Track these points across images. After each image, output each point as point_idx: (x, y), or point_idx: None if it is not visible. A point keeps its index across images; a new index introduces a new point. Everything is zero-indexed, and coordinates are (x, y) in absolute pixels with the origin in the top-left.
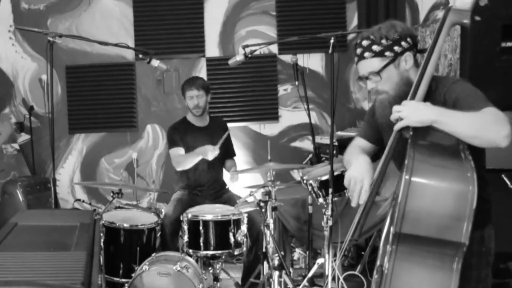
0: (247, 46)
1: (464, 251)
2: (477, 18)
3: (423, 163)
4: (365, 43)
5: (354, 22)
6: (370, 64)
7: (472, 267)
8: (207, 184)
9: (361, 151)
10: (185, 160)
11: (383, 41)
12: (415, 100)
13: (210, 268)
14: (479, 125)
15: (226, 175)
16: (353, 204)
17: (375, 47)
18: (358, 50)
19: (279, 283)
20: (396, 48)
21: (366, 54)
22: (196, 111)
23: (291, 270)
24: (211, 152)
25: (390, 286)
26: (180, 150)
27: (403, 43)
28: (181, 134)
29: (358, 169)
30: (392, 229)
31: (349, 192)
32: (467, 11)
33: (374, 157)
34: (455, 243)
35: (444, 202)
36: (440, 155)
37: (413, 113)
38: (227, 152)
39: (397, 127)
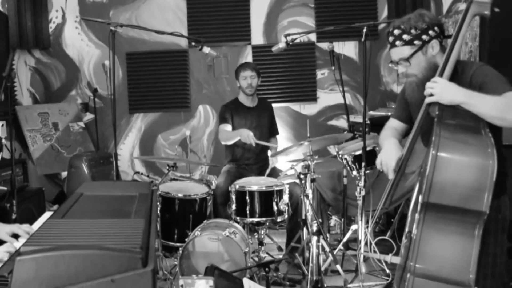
0: (289, 34)
1: (484, 219)
2: (497, 9)
3: (448, 140)
4: (396, 32)
5: (385, 13)
6: (400, 52)
7: (490, 232)
8: (252, 159)
9: (392, 133)
10: (227, 136)
11: (412, 31)
12: (443, 77)
13: (255, 234)
14: (502, 108)
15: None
16: (390, 176)
17: (405, 36)
18: (390, 38)
19: (317, 247)
20: (424, 36)
21: (397, 42)
22: (249, 90)
23: (328, 235)
24: (247, 138)
25: (418, 250)
26: (227, 127)
27: (430, 32)
28: (231, 112)
29: (386, 152)
30: (420, 199)
31: (381, 169)
32: (487, 3)
33: (406, 134)
34: (476, 211)
35: (467, 174)
36: (463, 132)
37: (445, 92)
38: (271, 131)
39: (428, 100)
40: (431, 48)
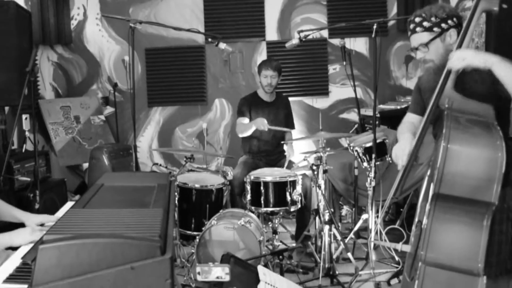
0: (302, 31)
1: (493, 210)
2: (504, 6)
3: (458, 132)
4: (417, 20)
5: (394, 10)
6: (420, 37)
7: (495, 221)
8: (268, 151)
9: (408, 128)
10: (243, 128)
11: (433, 19)
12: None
13: (269, 223)
14: None
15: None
16: (399, 168)
17: (425, 23)
18: (411, 26)
19: (329, 235)
20: (443, 25)
21: (418, 29)
22: (268, 89)
23: (339, 224)
24: (261, 125)
25: (429, 239)
26: (244, 120)
27: (449, 21)
28: (249, 105)
29: (400, 146)
30: (430, 190)
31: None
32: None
33: None
34: (486, 202)
35: (477, 166)
36: (472, 125)
37: (476, 55)
38: (287, 125)
39: (458, 66)
40: (449, 37)
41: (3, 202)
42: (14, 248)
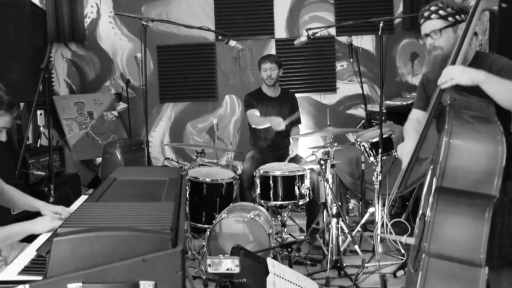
0: (310, 29)
1: (494, 202)
2: (504, 5)
3: (460, 127)
4: (433, 8)
5: (400, 8)
6: (434, 24)
7: (497, 214)
8: (275, 147)
9: (414, 127)
10: (258, 121)
11: (449, 9)
12: (456, 65)
13: (278, 216)
14: None
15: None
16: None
17: (441, 12)
18: (426, 13)
19: (337, 228)
20: (457, 17)
21: (433, 16)
22: (269, 82)
23: (346, 217)
24: (278, 125)
25: (432, 232)
26: (256, 112)
27: (463, 15)
28: (255, 100)
29: (405, 147)
30: (433, 183)
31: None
32: None
33: None
34: (487, 195)
35: (478, 160)
36: (474, 120)
37: (465, 73)
38: (293, 120)
39: (447, 84)
40: (460, 30)
41: (19, 191)
42: (29, 241)
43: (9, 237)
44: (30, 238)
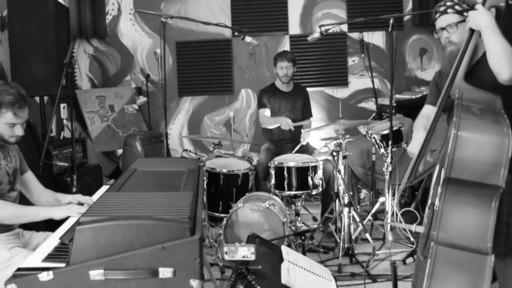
0: (323, 25)
1: (500, 193)
2: (510, 1)
3: (468, 120)
4: (449, 3)
5: (409, 5)
6: (450, 18)
7: (504, 203)
8: (287, 139)
9: (423, 123)
10: (268, 122)
11: (464, 5)
12: (464, 57)
13: (292, 205)
14: (509, 52)
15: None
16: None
17: (457, 7)
18: (442, 8)
19: (349, 217)
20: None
21: (449, 10)
22: (284, 79)
23: (358, 207)
24: (286, 125)
25: (441, 221)
26: (266, 112)
27: None
28: (268, 96)
29: (414, 143)
30: (442, 174)
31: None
32: None
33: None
34: (494, 186)
35: (485, 152)
36: (481, 113)
37: (475, 16)
38: (305, 113)
39: (468, 25)
40: None
41: (46, 191)
42: (53, 230)
43: (26, 215)
44: (53, 227)
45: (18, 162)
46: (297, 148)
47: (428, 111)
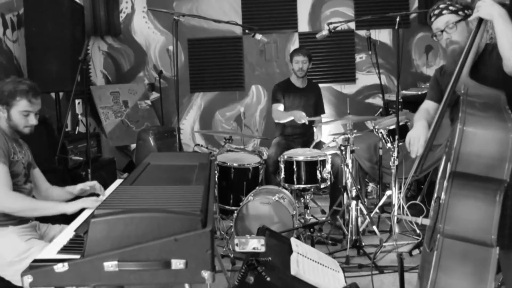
0: (331, 23)
1: (505, 186)
2: None
3: (473, 116)
4: (442, 5)
5: (415, 4)
6: (447, 18)
7: (508, 197)
8: (301, 134)
9: (423, 116)
10: (282, 116)
11: (457, 5)
12: (472, 49)
13: (301, 198)
14: None
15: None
16: (412, 155)
17: (451, 7)
18: (437, 11)
19: (356, 210)
20: (466, 11)
21: (445, 11)
22: (300, 73)
23: (365, 200)
24: (300, 118)
25: (446, 213)
26: (280, 107)
27: (470, 11)
28: (283, 91)
29: (415, 131)
30: (448, 168)
31: (408, 148)
32: None
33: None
34: (498, 180)
35: (490, 147)
36: (486, 109)
37: (487, 6)
38: (316, 110)
39: (473, 16)
40: (471, 24)
41: (53, 187)
42: (68, 223)
43: (38, 208)
44: (68, 220)
45: (31, 157)
46: (312, 145)
47: (427, 106)
